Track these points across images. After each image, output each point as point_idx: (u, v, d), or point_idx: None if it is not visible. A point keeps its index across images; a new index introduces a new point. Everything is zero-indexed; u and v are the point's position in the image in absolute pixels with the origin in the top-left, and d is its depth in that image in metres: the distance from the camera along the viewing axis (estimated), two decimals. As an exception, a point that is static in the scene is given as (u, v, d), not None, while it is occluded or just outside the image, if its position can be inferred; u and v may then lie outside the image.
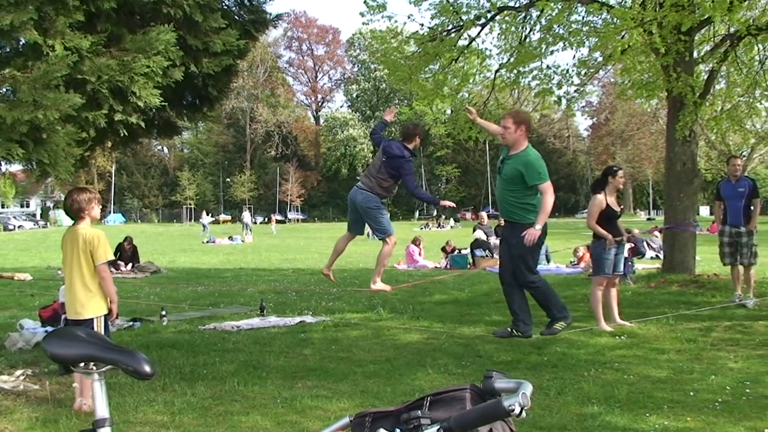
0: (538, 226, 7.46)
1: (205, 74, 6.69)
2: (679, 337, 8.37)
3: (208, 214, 53.56)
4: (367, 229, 8.98)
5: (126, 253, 20.16)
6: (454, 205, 10.28)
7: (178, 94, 7.11)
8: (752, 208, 10.97)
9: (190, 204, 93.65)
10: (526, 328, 7.85)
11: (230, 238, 42.30)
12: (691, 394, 5.89)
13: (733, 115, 14.44)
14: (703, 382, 6.32)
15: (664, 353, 7.61)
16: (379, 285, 9.05)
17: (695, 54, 14.04)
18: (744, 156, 35.65)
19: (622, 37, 12.10)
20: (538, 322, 8.02)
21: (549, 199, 7.66)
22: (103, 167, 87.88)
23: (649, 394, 5.91)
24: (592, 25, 14.02)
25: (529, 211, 7.68)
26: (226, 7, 7.12)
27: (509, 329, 7.96)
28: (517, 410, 1.59)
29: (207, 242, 40.42)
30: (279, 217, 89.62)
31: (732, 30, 13.45)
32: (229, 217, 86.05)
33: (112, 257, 6.15)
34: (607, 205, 9.15)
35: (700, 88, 13.10)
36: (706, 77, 13.97)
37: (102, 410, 2.06)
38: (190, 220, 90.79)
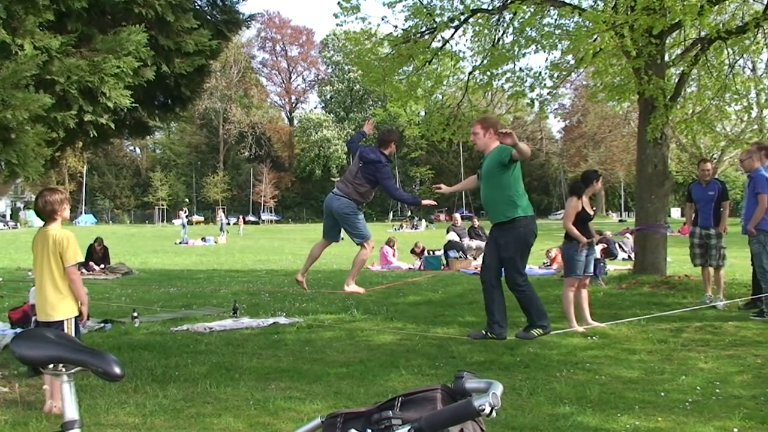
0: (522, 145, 7.48)
1: (178, 74, 6.65)
2: (650, 338, 8.44)
3: (186, 214, 53.41)
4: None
5: (97, 254, 20.00)
6: (436, 203, 10.33)
7: (150, 94, 7.06)
8: (722, 210, 11.10)
9: (162, 205, 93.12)
10: (501, 331, 7.87)
11: (203, 239, 42.14)
12: (662, 394, 5.94)
13: (704, 118, 14.60)
14: (674, 382, 6.38)
15: (636, 354, 7.67)
16: (352, 287, 9.05)
17: (666, 57, 14.18)
18: (714, 159, 36.01)
19: (594, 40, 12.21)
20: (513, 323, 8.04)
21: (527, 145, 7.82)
22: (74, 168, 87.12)
23: (620, 395, 5.96)
24: (564, 28, 14.13)
25: (515, 206, 7.74)
26: (198, 7, 7.09)
27: (484, 332, 8.00)
28: (488, 410, 1.60)
29: (180, 243, 40.20)
30: (253, 218, 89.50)
31: (702, 34, 13.59)
32: (202, 218, 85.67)
33: (82, 259, 6.10)
34: (582, 207, 9.21)
35: (671, 91, 13.24)
36: (677, 80, 14.11)
37: (71, 412, 2.05)
38: (162, 221, 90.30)
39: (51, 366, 2.01)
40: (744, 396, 5.84)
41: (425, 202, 9.15)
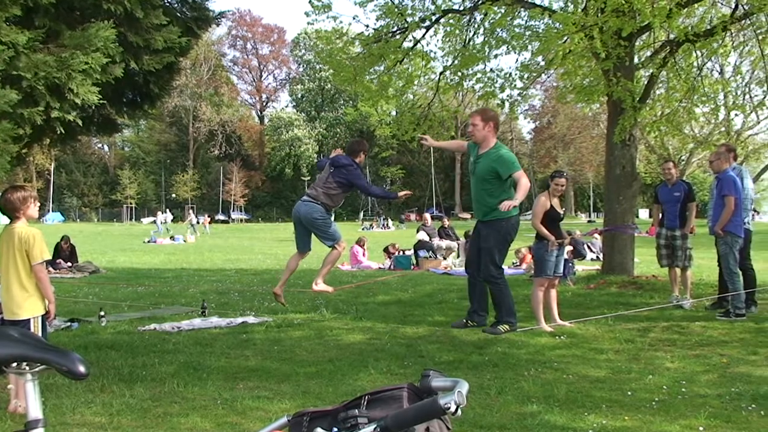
0: (516, 202, 7.67)
1: (146, 71, 6.62)
2: (618, 338, 8.51)
3: (163, 213, 53.25)
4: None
5: (64, 252, 19.81)
6: (411, 193, 10.42)
7: (118, 91, 7.01)
8: (687, 212, 11.22)
9: (130, 203, 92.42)
10: (481, 319, 8.51)
11: (172, 237, 41.90)
12: (629, 393, 5.99)
13: (672, 119, 14.73)
14: (641, 381, 6.44)
15: (603, 353, 7.73)
16: (321, 286, 9.06)
17: (636, 59, 14.30)
18: (682, 160, 36.42)
19: (564, 42, 12.28)
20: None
21: (524, 180, 7.98)
22: (41, 165, 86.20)
23: (587, 394, 6.00)
24: (534, 29, 14.18)
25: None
26: (167, 4, 7.07)
27: (465, 320, 8.30)
28: (453, 408, 1.61)
29: (148, 242, 39.93)
30: (222, 217, 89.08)
31: (671, 37, 13.72)
32: (171, 217, 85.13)
33: (48, 257, 6.03)
34: (551, 207, 9.27)
35: (640, 93, 13.35)
36: (646, 82, 14.23)
37: (35, 411, 2.03)
38: (130, 219, 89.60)
39: (14, 365, 1.99)
40: (710, 395, 5.91)
41: (402, 194, 9.21)
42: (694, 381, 6.41)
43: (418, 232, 22.41)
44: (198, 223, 54.50)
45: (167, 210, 59.66)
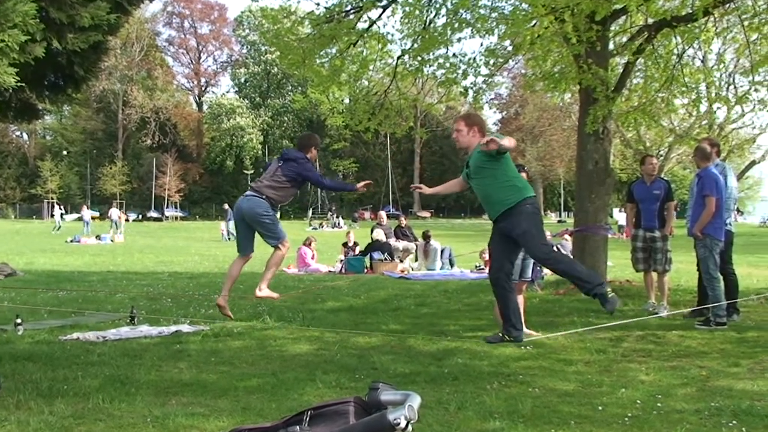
0: (499, 138, 7.77)
1: (70, 51, 6.55)
2: (588, 348, 8.61)
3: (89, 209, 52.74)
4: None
5: (-24, 253, 19.54)
6: (372, 183, 10.45)
7: (39, 73, 6.93)
8: (666, 212, 11.38)
9: (52, 198, 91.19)
10: (518, 334, 8.51)
11: (98, 237, 41.47)
12: (600, 408, 6.06)
13: (649, 110, 14.89)
14: (613, 395, 6.52)
15: (572, 365, 7.82)
16: (265, 291, 9.05)
17: (611, 46, 14.43)
18: (661, 156, 36.84)
19: (533, 26, 12.36)
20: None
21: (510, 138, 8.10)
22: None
23: (554, 408, 6.06)
24: (500, 11, 14.22)
25: (516, 189, 8.21)
26: (95, -23, 6.99)
27: (501, 334, 8.41)
28: (403, 424, 1.63)
29: (71, 241, 39.47)
30: (155, 214, 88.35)
31: (650, 21, 13.86)
32: (97, 214, 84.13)
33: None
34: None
35: (614, 82, 13.48)
36: (621, 70, 14.37)
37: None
38: (52, 216, 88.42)
39: None
40: (687, 410, 5.99)
41: (360, 185, 9.24)
42: (670, 395, 6.50)
43: (373, 231, 22.44)
44: (128, 220, 54.02)
45: (62, 207, 59.06)
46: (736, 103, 17.54)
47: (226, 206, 44.84)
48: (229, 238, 38.52)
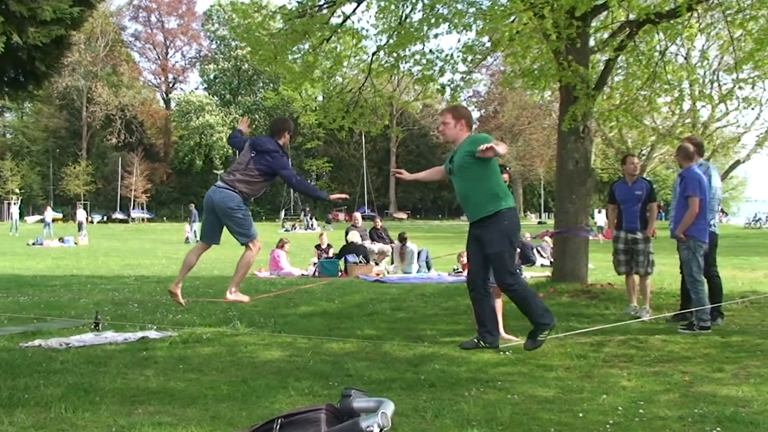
0: (495, 144, 7.85)
1: (31, 46, 6.51)
2: (569, 353, 8.63)
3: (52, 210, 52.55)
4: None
5: (-68, 256, 19.38)
6: (348, 196, 10.44)
7: (-2, 68, 6.89)
8: (648, 213, 11.44)
9: (12, 199, 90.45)
10: (493, 339, 8.60)
11: (61, 239, 41.19)
12: (580, 415, 6.08)
13: (630, 109, 14.97)
14: (594, 401, 6.54)
15: (552, 370, 7.84)
16: (236, 295, 9.03)
17: (592, 42, 14.50)
18: (643, 155, 37.04)
19: (512, 21, 12.41)
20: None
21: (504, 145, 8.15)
22: None
23: (534, 416, 6.07)
24: (478, 6, 14.27)
25: (497, 198, 8.23)
26: (57, -31, 6.95)
27: (476, 340, 8.41)
28: (376, 431, 1.63)
29: (33, 244, 39.19)
30: (121, 216, 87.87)
31: (631, 17, 13.93)
32: (60, 215, 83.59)
33: None
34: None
35: (595, 80, 13.54)
36: (602, 68, 14.44)
37: None
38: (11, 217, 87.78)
39: None
40: (670, 417, 6.02)
41: (334, 196, 9.22)
42: (653, 401, 6.53)
43: (347, 233, 22.44)
44: (92, 222, 53.77)
45: (18, 205, 58.89)
46: (720, 101, 17.68)
47: (192, 207, 44.50)
48: (197, 241, 38.36)
